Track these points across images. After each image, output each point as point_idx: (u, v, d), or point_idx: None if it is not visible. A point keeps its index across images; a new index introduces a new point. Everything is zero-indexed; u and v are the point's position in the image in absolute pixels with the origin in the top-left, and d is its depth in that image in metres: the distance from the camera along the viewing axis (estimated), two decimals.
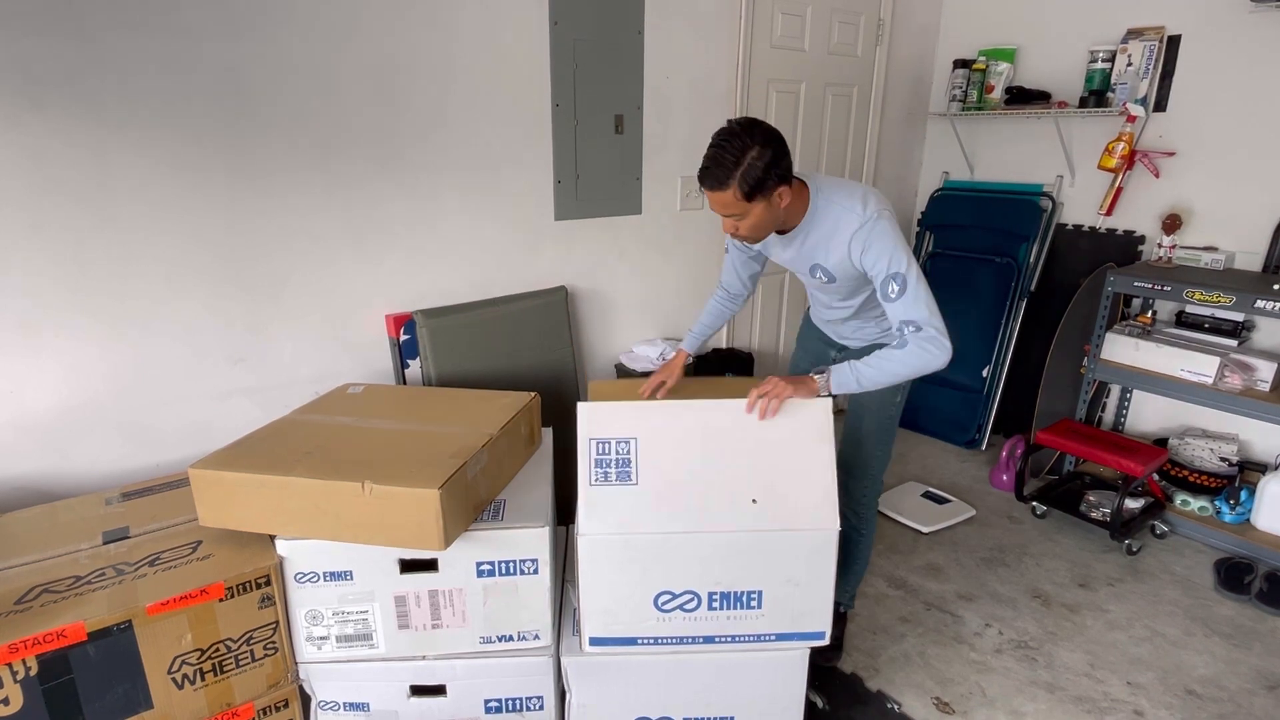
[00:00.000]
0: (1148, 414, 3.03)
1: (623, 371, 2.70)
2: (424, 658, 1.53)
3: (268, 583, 1.41)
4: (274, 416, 1.69)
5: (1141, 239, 2.97)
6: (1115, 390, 3.07)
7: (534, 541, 1.48)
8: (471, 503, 1.46)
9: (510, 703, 1.56)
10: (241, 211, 1.85)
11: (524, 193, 2.35)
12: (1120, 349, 2.73)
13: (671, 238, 2.80)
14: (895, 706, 1.84)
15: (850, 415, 1.85)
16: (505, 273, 2.37)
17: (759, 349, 3.25)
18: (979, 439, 3.32)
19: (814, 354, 1.93)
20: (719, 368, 2.88)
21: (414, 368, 2.17)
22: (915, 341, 1.48)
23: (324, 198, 1.97)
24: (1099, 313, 2.74)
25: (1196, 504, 2.63)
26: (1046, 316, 3.17)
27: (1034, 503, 2.74)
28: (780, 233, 1.60)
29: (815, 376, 1.54)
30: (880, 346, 1.66)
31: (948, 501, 2.81)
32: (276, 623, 1.44)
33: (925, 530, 2.63)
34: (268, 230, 1.90)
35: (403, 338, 2.14)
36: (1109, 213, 3.00)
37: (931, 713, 1.82)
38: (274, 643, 1.45)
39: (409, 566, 1.46)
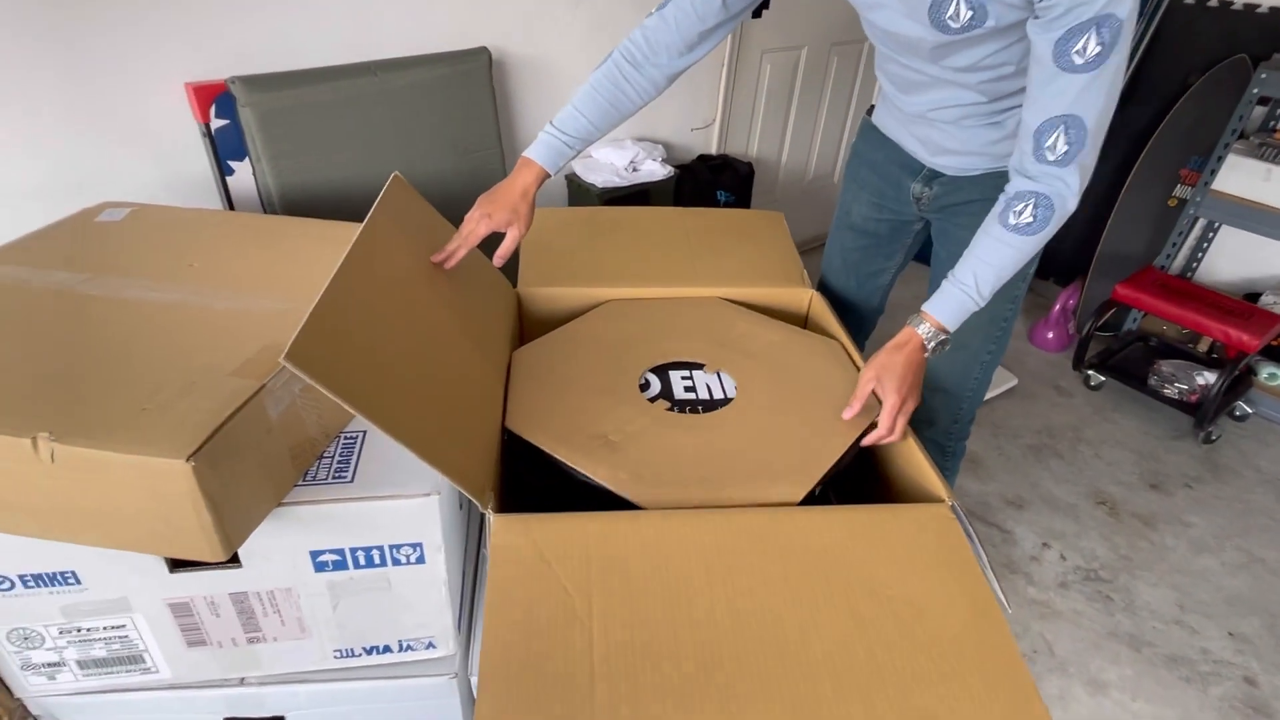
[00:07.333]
0: (1226, 261, 2.43)
1: (577, 189, 1.93)
2: (242, 681, 0.94)
3: None
4: None
5: None
6: (1197, 229, 2.45)
7: (414, 517, 0.83)
8: (286, 458, 0.78)
9: None
10: None
11: None
12: (1240, 177, 2.05)
13: None
14: None
15: None
16: (391, 23, 1.49)
17: (759, 157, 2.47)
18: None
19: (880, 189, 1.20)
20: (710, 182, 2.12)
21: (242, 174, 1.36)
22: (1051, 187, 0.86)
23: None
24: (1227, 125, 2.02)
25: None
26: (1131, 128, 2.43)
27: (1089, 370, 2.20)
28: None
29: (916, 331, 0.93)
30: (996, 175, 1.03)
31: None
32: None
33: None
34: None
35: (215, 124, 1.31)
36: None
37: None
38: None
39: (182, 562, 0.81)
